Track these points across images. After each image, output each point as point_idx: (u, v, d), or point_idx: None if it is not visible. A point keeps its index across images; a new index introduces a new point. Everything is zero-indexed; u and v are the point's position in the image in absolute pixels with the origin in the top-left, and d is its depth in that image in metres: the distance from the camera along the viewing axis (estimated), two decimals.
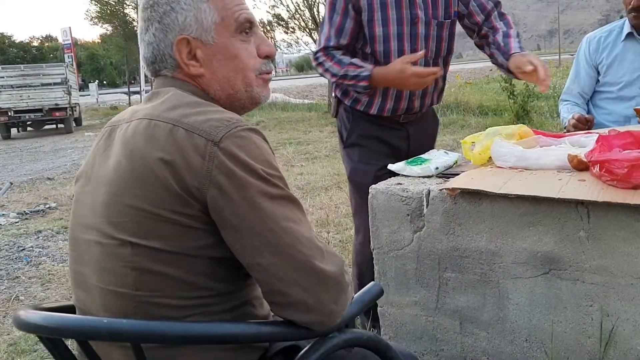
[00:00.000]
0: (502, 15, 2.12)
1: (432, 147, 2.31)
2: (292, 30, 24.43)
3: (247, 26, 1.07)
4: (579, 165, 1.62)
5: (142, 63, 1.11)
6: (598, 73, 2.57)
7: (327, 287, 0.94)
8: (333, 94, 2.30)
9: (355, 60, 2.03)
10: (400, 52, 2.02)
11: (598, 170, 1.52)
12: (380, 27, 1.99)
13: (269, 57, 1.12)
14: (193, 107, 0.98)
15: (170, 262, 0.93)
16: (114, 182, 0.96)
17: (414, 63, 1.95)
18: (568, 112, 2.59)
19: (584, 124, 2.37)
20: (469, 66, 37.36)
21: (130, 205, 0.93)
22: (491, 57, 2.12)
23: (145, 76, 18.94)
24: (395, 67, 1.94)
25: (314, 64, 2.18)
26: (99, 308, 0.99)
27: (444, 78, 2.22)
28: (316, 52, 2.13)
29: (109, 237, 0.95)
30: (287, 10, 22.89)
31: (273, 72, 1.15)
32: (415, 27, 2.01)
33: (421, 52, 1.98)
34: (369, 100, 2.12)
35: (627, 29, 2.48)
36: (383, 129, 2.12)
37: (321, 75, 2.17)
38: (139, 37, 1.10)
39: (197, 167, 0.90)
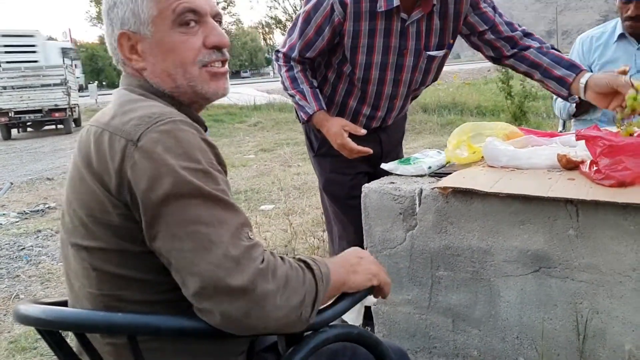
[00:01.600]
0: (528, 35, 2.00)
1: (401, 148, 2.34)
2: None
3: (188, 17, 1.02)
4: (568, 165, 1.64)
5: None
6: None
7: (232, 298, 0.85)
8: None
9: (306, 90, 1.96)
10: (381, 82, 1.96)
11: (587, 168, 1.55)
12: (364, 55, 1.89)
13: (218, 48, 1.06)
14: (124, 105, 0.98)
15: (119, 262, 0.94)
16: (67, 189, 1.01)
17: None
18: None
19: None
20: (466, 67, 37.37)
21: (74, 210, 0.98)
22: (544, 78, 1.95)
23: None
24: (333, 127, 1.93)
25: (273, 58, 2.10)
26: (78, 307, 1.02)
27: (408, 101, 2.16)
28: (277, 52, 2.04)
29: (70, 243, 1.00)
30: (284, 12, 22.91)
31: (224, 65, 1.09)
32: (402, 58, 1.92)
33: (363, 131, 1.93)
34: (338, 114, 2.08)
35: (619, 30, 2.50)
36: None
37: (277, 74, 2.11)
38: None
39: (116, 169, 0.89)
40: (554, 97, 2.68)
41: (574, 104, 2.37)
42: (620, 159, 1.47)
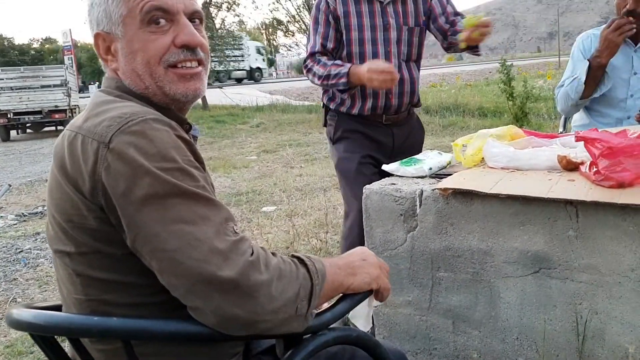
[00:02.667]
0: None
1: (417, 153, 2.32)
2: (291, 33, 24.51)
3: (156, 15, 1.00)
4: (568, 166, 1.64)
5: None
6: None
7: (223, 292, 0.84)
8: (322, 104, 2.48)
9: (337, 61, 2.23)
10: (375, 54, 2.24)
11: (587, 169, 1.55)
12: (356, 32, 2.21)
13: (188, 47, 1.03)
14: (98, 107, 0.97)
15: (100, 266, 0.93)
16: (47, 196, 1.01)
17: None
18: (571, 78, 2.51)
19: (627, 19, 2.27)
20: (468, 68, 37.37)
21: (53, 216, 0.97)
22: (452, 43, 2.29)
23: None
24: (364, 66, 2.10)
25: (304, 71, 2.37)
26: (69, 311, 1.02)
27: (415, 80, 2.36)
28: (305, 60, 2.34)
29: (55, 249, 1.00)
30: (287, 14, 22.99)
31: (199, 65, 1.06)
32: (387, 32, 2.24)
33: (391, 67, 2.08)
34: (351, 102, 2.30)
35: None
36: (367, 126, 2.30)
37: (311, 81, 2.34)
38: None
39: (90, 172, 0.88)
40: (555, 94, 2.67)
41: (584, 76, 2.38)
42: (620, 160, 1.47)
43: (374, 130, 2.32)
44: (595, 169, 1.51)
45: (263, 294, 0.86)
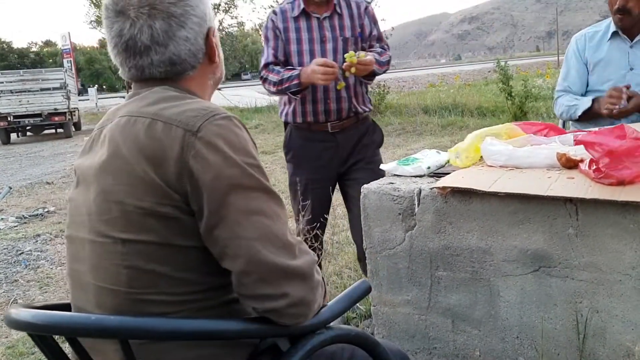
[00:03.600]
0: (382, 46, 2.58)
1: (375, 152, 2.62)
2: None
3: None
4: (567, 163, 1.63)
5: (159, 66, 1.03)
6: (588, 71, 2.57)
7: (292, 281, 0.94)
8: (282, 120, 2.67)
9: (289, 67, 2.45)
10: None
11: (586, 167, 1.54)
12: (295, 44, 2.44)
13: None
14: (171, 100, 1.00)
15: (160, 257, 0.94)
16: (101, 181, 0.98)
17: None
18: (573, 99, 2.52)
19: (620, 93, 2.26)
20: (467, 68, 37.38)
21: (117, 201, 0.95)
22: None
23: None
24: (310, 65, 2.34)
25: (260, 82, 2.57)
26: (94, 306, 1.00)
27: (350, 87, 2.49)
28: (260, 71, 2.53)
29: (102, 236, 0.97)
30: None
31: None
32: (324, 44, 2.45)
33: (332, 62, 2.31)
34: (293, 109, 2.50)
35: (612, 28, 2.48)
36: (313, 145, 2.52)
37: (267, 90, 2.54)
38: (162, 36, 1.01)
39: (176, 158, 0.91)
40: (555, 97, 2.68)
41: (582, 111, 2.44)
42: (620, 158, 1.46)
43: (317, 148, 2.52)
44: (595, 167, 1.50)
45: (319, 293, 1.00)
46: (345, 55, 2.31)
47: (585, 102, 2.44)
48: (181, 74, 1.06)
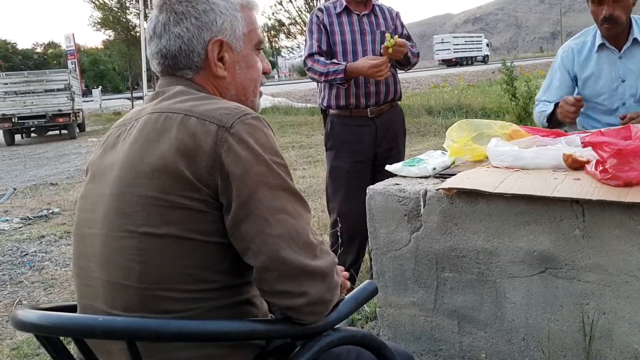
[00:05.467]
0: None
1: (402, 141, 2.95)
2: (293, 35, 24.63)
3: (260, 45, 1.19)
4: (574, 164, 1.63)
5: (154, 57, 1.11)
6: (576, 83, 2.52)
7: (312, 280, 0.97)
8: (320, 109, 2.97)
9: (334, 60, 2.75)
10: (354, 51, 2.76)
11: (593, 168, 1.54)
12: (339, 35, 2.78)
13: (267, 74, 1.24)
14: (202, 99, 1.04)
15: (176, 252, 0.95)
16: (124, 175, 0.99)
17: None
18: (544, 106, 2.58)
19: (573, 104, 2.30)
20: (471, 69, 37.35)
21: (140, 195, 0.96)
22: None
23: (148, 80, 18.99)
24: (361, 61, 2.66)
25: (305, 69, 2.88)
26: (102, 303, 1.00)
27: (393, 75, 2.84)
28: (305, 60, 2.85)
29: (116, 230, 0.98)
30: (288, 17, 23.17)
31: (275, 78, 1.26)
32: (364, 35, 2.80)
33: (384, 58, 2.59)
34: (336, 94, 2.79)
35: (599, 40, 2.41)
36: (353, 131, 2.79)
37: (311, 78, 2.83)
38: (157, 27, 1.09)
39: (209, 151, 0.95)
40: (536, 99, 2.73)
41: (546, 118, 2.54)
42: (628, 160, 1.45)
43: (358, 134, 2.79)
44: (602, 168, 1.50)
45: (336, 294, 1.02)
46: (387, 37, 2.60)
47: (549, 108, 2.50)
48: (177, 70, 1.10)
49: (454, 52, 52.54)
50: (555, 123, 2.48)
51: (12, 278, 3.85)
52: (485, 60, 55.10)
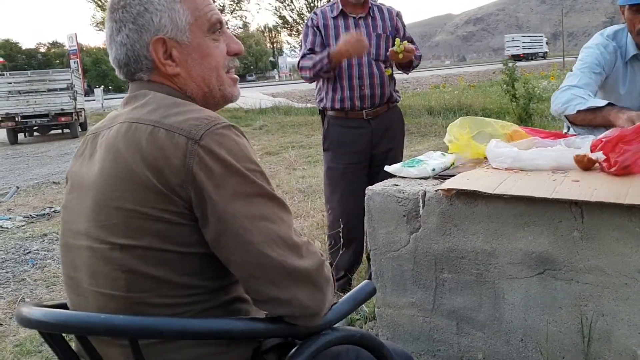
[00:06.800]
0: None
1: (400, 142, 2.97)
2: (296, 33, 24.69)
3: (218, 26, 1.10)
4: (589, 164, 1.63)
5: (114, 66, 1.11)
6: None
7: (299, 284, 0.96)
8: (318, 111, 2.98)
9: (317, 53, 2.75)
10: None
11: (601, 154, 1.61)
12: (333, 38, 2.75)
13: (237, 55, 1.15)
14: (172, 107, 1.00)
15: (159, 262, 0.95)
16: (100, 187, 0.98)
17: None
18: (584, 94, 2.13)
19: None
20: (472, 69, 37.32)
21: (117, 207, 0.95)
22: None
23: None
24: (339, 43, 2.63)
25: (298, 70, 2.86)
26: (94, 311, 1.01)
27: (384, 75, 2.80)
28: (297, 63, 2.85)
29: (99, 242, 0.98)
30: (291, 16, 23.23)
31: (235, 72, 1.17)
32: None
33: (362, 37, 2.57)
34: (332, 97, 2.79)
35: (632, 50, 2.21)
36: (349, 133, 2.81)
37: (303, 77, 2.83)
38: (107, 39, 1.09)
39: (178, 165, 0.92)
40: (560, 90, 2.30)
41: (580, 108, 2.07)
42: (620, 147, 1.55)
43: (354, 135, 2.80)
44: (604, 158, 1.59)
45: (329, 291, 1.01)
46: (396, 42, 2.62)
47: (599, 101, 2.09)
48: (134, 75, 1.09)
49: (523, 48, 59.01)
50: (588, 121, 2.10)
51: (15, 275, 3.88)
52: (544, 56, 61.25)
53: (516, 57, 56.75)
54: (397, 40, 2.63)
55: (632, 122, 1.83)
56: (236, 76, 1.17)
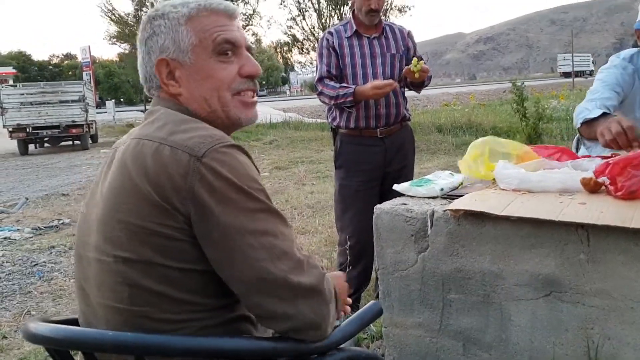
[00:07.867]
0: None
1: (411, 159, 3.00)
2: (306, 51, 24.92)
3: (226, 47, 1.11)
4: (596, 187, 1.64)
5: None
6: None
7: (304, 298, 0.98)
8: (330, 128, 3.02)
9: (343, 84, 2.80)
10: (364, 74, 2.80)
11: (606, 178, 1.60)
12: (349, 58, 2.82)
13: (252, 77, 1.15)
14: (179, 124, 1.03)
15: (160, 277, 0.96)
16: (108, 200, 1.02)
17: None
18: (591, 104, 2.11)
19: (629, 137, 1.83)
20: (482, 88, 37.35)
21: (120, 220, 0.98)
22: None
23: None
24: (367, 86, 2.69)
25: (316, 94, 2.92)
26: (101, 322, 1.03)
27: (398, 94, 2.87)
28: (315, 84, 2.91)
29: (105, 254, 1.00)
30: (303, 32, 23.48)
31: (254, 95, 1.17)
32: (374, 58, 2.84)
33: (390, 81, 2.66)
34: (347, 116, 2.82)
35: None
36: (363, 150, 2.84)
37: (322, 102, 2.88)
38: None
39: (180, 182, 0.94)
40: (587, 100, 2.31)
41: (584, 120, 2.08)
42: (629, 171, 1.55)
43: (367, 153, 2.83)
44: (609, 181, 1.58)
45: (332, 307, 1.03)
46: (412, 61, 2.68)
47: (594, 112, 2.04)
48: (149, 90, 1.15)
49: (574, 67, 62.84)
50: (587, 133, 2.10)
51: (21, 288, 3.89)
52: (591, 73, 62.88)
53: (567, 74, 58.64)
54: (415, 59, 2.67)
55: (609, 129, 1.86)
56: (250, 99, 1.16)
